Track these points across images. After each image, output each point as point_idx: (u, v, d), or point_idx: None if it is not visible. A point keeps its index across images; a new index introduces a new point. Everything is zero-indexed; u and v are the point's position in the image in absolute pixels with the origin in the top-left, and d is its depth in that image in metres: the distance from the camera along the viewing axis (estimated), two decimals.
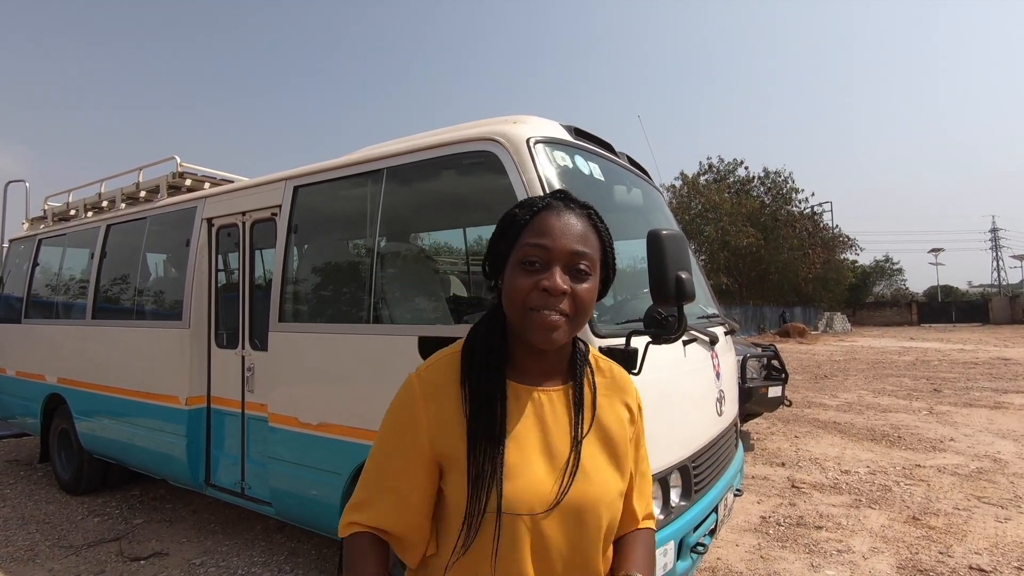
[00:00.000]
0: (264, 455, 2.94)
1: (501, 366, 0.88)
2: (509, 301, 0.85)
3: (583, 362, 0.93)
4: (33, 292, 5.00)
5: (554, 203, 0.87)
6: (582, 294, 0.83)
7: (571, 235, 0.83)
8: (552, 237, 0.83)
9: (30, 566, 3.21)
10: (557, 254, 0.82)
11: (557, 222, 0.84)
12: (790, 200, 30.13)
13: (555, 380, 0.91)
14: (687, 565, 2.07)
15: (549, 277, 0.81)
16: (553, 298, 0.81)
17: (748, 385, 5.05)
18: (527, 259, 0.83)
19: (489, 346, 0.89)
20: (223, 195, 3.48)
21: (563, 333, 0.83)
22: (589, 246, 0.85)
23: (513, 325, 0.87)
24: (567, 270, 0.83)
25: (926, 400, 8.08)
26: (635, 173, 3.00)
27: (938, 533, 3.45)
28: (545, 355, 0.89)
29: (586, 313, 0.85)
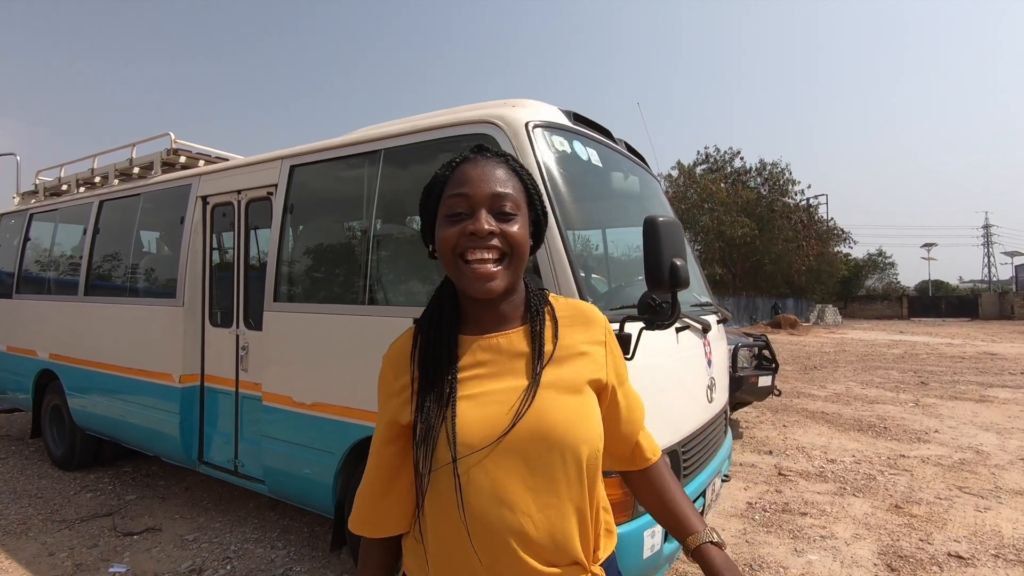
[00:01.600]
0: (258, 433, 2.96)
1: (451, 323, 0.90)
2: (442, 254, 0.87)
3: (540, 301, 0.93)
4: (24, 267, 4.96)
5: (471, 155, 0.89)
6: (512, 233, 0.84)
7: (491, 179, 0.85)
8: (471, 184, 0.85)
9: (23, 539, 3.23)
10: (478, 199, 0.84)
11: (475, 171, 0.86)
12: (786, 192, 30.16)
13: (513, 324, 0.91)
14: (674, 547, 2.11)
15: (475, 221, 0.83)
16: (481, 239, 0.83)
17: (739, 374, 5.10)
18: (452, 211, 0.85)
19: (440, 305, 0.92)
20: (218, 173, 3.45)
21: (501, 280, 0.84)
22: (511, 187, 0.87)
23: (453, 280, 0.89)
24: (492, 213, 0.84)
25: (913, 392, 8.19)
26: (633, 160, 3.00)
27: (919, 521, 3.53)
28: (494, 305, 0.89)
29: (521, 252, 0.86)
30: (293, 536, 3.27)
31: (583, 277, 2.05)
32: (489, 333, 0.90)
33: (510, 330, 0.90)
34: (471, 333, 0.90)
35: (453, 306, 0.91)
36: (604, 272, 3.03)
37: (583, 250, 3.03)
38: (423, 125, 2.50)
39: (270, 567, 2.90)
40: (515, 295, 0.92)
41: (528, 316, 0.92)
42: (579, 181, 2.40)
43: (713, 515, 3.58)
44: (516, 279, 0.88)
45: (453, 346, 0.88)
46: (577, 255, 2.12)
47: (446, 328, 0.89)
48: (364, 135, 2.74)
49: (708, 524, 0.96)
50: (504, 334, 0.89)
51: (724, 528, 3.44)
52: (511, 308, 0.91)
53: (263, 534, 3.29)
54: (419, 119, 2.62)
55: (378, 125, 2.85)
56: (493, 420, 0.82)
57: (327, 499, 2.65)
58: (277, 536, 3.27)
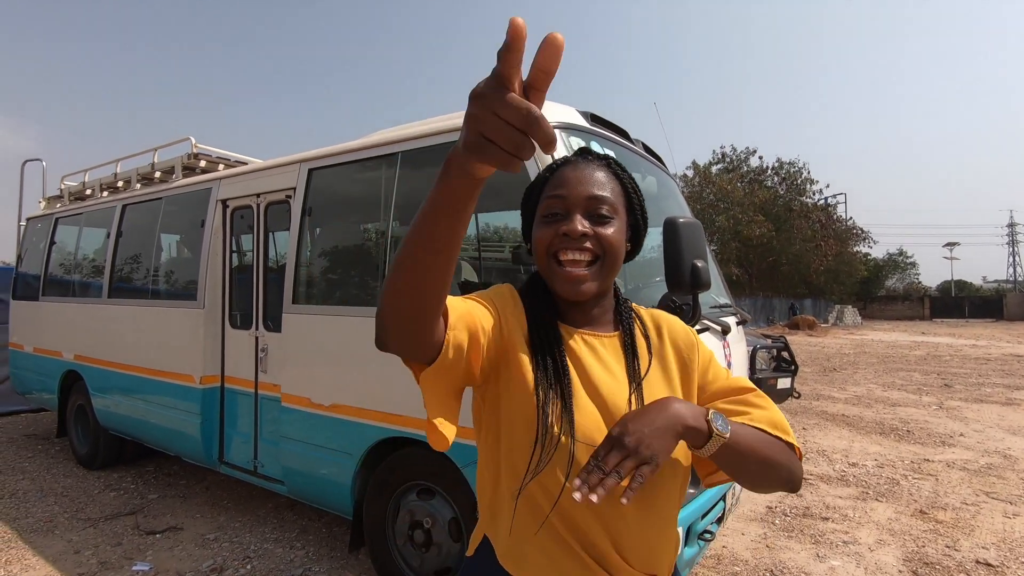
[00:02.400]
0: (277, 434, 2.99)
1: (550, 311, 0.89)
2: (537, 255, 0.87)
3: (628, 312, 0.93)
4: (50, 270, 5.07)
5: (572, 158, 0.90)
6: (606, 236, 0.84)
7: (588, 182, 0.85)
8: (569, 186, 0.85)
9: (50, 537, 3.30)
10: (575, 201, 0.84)
11: (574, 173, 0.86)
12: (804, 191, 29.76)
13: (605, 327, 0.91)
14: (695, 552, 2.09)
15: (569, 222, 0.83)
16: (574, 241, 0.82)
17: (757, 376, 5.04)
18: (548, 211, 0.86)
19: (534, 292, 0.91)
20: (238, 177, 3.49)
21: (591, 284, 0.84)
22: (608, 191, 0.86)
23: (545, 279, 0.88)
24: (587, 216, 0.84)
25: (936, 395, 8.02)
26: (650, 161, 2.98)
27: (945, 527, 3.45)
28: (585, 307, 0.89)
29: (615, 257, 0.85)
30: (312, 536, 3.29)
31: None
32: (583, 330, 0.89)
33: (603, 333, 0.90)
34: (567, 323, 0.89)
35: (546, 293, 0.90)
36: (622, 272, 3.01)
37: None
38: (440, 127, 2.50)
39: (289, 567, 2.92)
40: (605, 300, 0.92)
41: (619, 323, 0.92)
42: None
43: (733, 519, 3.54)
44: (608, 284, 0.88)
45: (556, 334, 0.86)
46: None
47: (548, 312, 0.88)
48: (381, 138, 2.75)
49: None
50: (597, 335, 0.89)
51: (744, 533, 3.40)
52: (601, 312, 0.91)
53: (282, 534, 3.32)
54: (436, 121, 2.63)
55: (395, 128, 2.86)
56: (602, 424, 0.81)
57: (345, 500, 2.66)
58: (296, 536, 3.29)
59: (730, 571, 2.94)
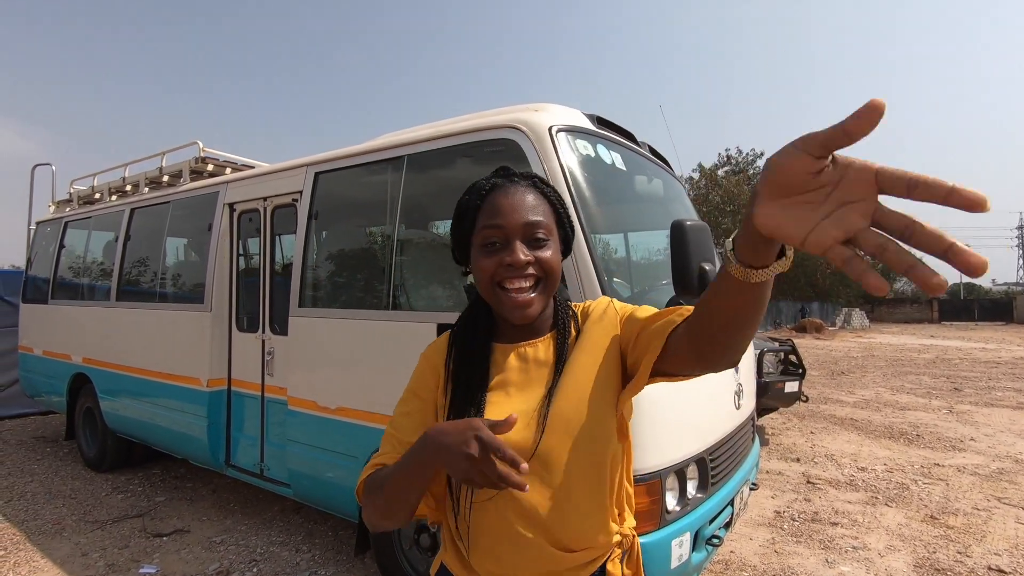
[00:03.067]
0: (283, 437, 2.99)
1: (486, 332, 0.95)
2: (479, 283, 0.90)
3: (564, 312, 0.96)
4: (59, 274, 5.11)
5: (499, 182, 0.91)
6: (546, 260, 0.88)
7: (522, 208, 0.87)
8: (504, 215, 0.87)
9: (58, 539, 3.31)
10: (512, 230, 0.87)
11: (506, 200, 0.88)
12: None
13: (543, 332, 0.95)
14: (702, 557, 2.07)
15: (510, 253, 0.86)
16: (518, 269, 0.86)
17: (764, 380, 5.01)
18: (487, 241, 0.88)
19: (475, 316, 0.96)
20: (245, 180, 3.51)
21: (536, 306, 0.88)
22: (541, 214, 0.89)
23: (491, 305, 0.92)
24: (526, 241, 0.87)
25: (946, 399, 7.94)
26: (656, 163, 2.97)
27: (957, 533, 3.41)
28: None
29: (555, 276, 0.90)
30: (318, 540, 3.29)
31: (607, 282, 2.04)
32: (521, 341, 0.94)
33: (538, 339, 0.94)
34: (504, 341, 0.95)
35: (488, 315, 0.96)
36: (627, 276, 3.00)
37: (604, 253, 3.01)
38: (446, 131, 2.51)
39: (295, 570, 2.92)
40: (546, 309, 0.96)
41: (555, 324, 0.96)
42: (603, 185, 2.38)
43: (741, 524, 3.52)
44: (549, 300, 0.93)
45: (486, 359, 0.93)
46: (599, 259, 2.10)
47: (481, 339, 0.94)
48: (387, 141, 2.76)
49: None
50: (532, 343, 0.94)
51: (752, 538, 3.37)
52: (541, 319, 0.96)
53: (288, 537, 3.32)
54: (442, 124, 2.63)
55: (401, 131, 2.87)
56: (521, 436, 0.85)
57: (351, 503, 2.66)
58: (302, 539, 3.29)
59: None
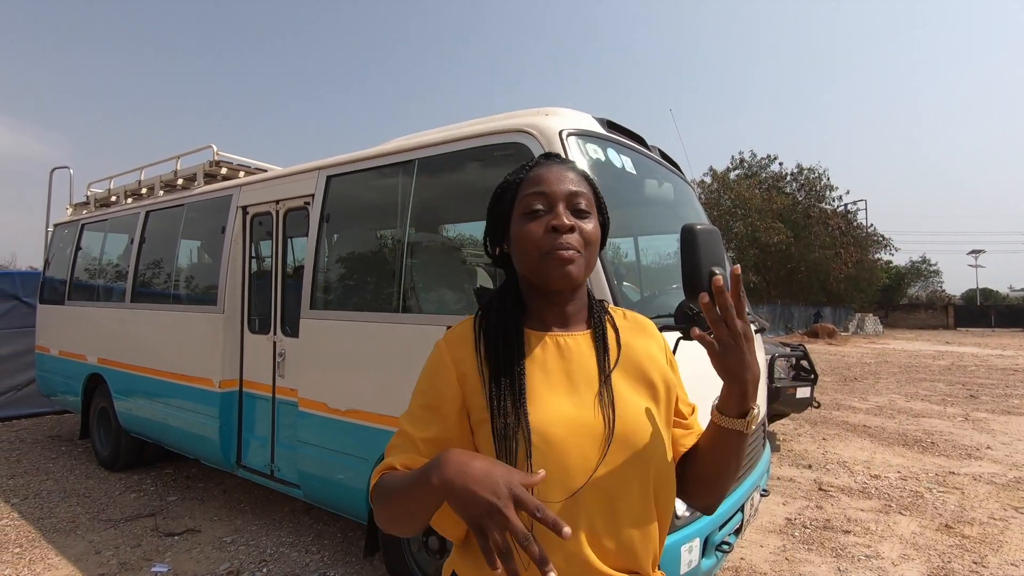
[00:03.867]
0: (294, 439, 3.02)
1: (517, 316, 0.90)
2: (523, 251, 0.87)
3: (600, 309, 0.95)
4: (76, 275, 5.19)
5: (542, 160, 0.94)
6: (587, 230, 0.87)
7: (566, 179, 0.89)
8: (549, 183, 0.88)
9: (72, 537, 3.36)
10: (557, 196, 0.87)
11: (550, 172, 0.89)
12: (823, 198, 29.35)
13: (577, 326, 0.92)
14: (712, 563, 2.05)
15: (555, 216, 0.85)
16: (563, 235, 0.84)
17: (776, 385, 4.97)
18: (530, 208, 0.87)
19: (504, 301, 0.92)
20: (258, 184, 3.55)
21: (578, 268, 0.85)
22: (583, 188, 0.90)
23: (530, 276, 0.88)
24: (569, 210, 0.87)
25: (961, 406, 7.82)
26: (667, 167, 2.96)
27: (972, 542, 3.35)
28: (562, 303, 0.90)
29: (595, 249, 0.89)
30: (327, 541, 3.31)
31: (616, 286, 2.03)
32: (556, 330, 0.91)
33: (574, 332, 0.91)
34: (536, 328, 0.91)
35: (517, 301, 0.92)
36: (636, 280, 2.99)
37: (614, 257, 2.99)
38: (457, 135, 2.52)
39: (305, 571, 2.94)
40: (580, 296, 0.93)
41: (591, 320, 0.93)
42: (613, 189, 2.38)
43: (751, 531, 3.48)
44: (588, 274, 0.90)
45: (521, 339, 0.88)
46: (609, 263, 2.09)
47: (513, 320, 0.90)
48: (398, 145, 2.78)
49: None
50: (570, 334, 0.90)
51: (762, 544, 3.33)
52: (575, 310, 0.92)
53: (298, 538, 3.34)
54: (453, 128, 2.65)
55: (412, 135, 2.89)
56: (573, 422, 0.82)
57: (361, 505, 2.67)
58: (311, 540, 3.31)
59: None
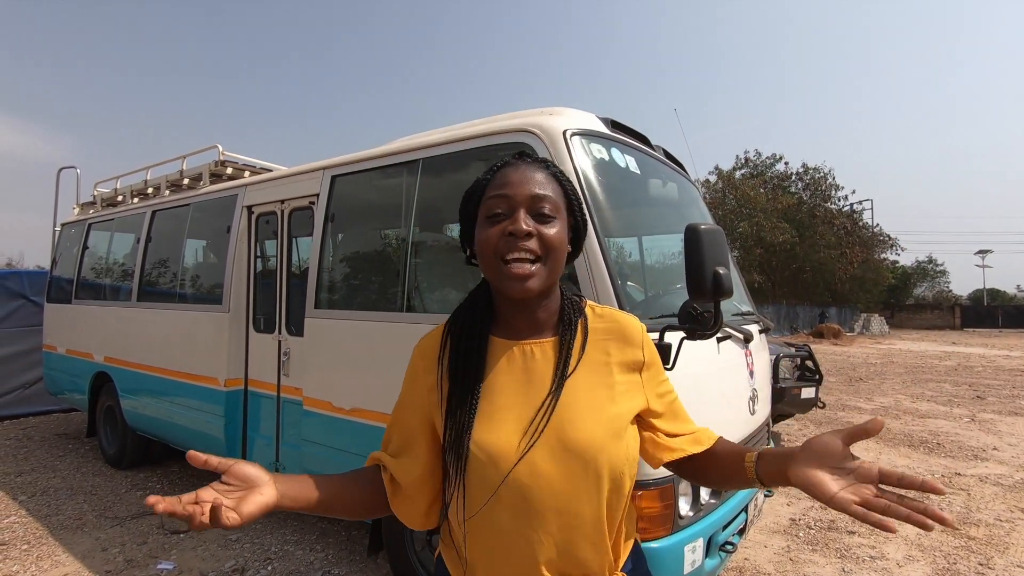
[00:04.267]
0: (298, 437, 3.03)
1: (483, 324, 0.91)
2: (481, 255, 0.87)
3: (575, 311, 0.93)
4: (82, 274, 5.22)
5: (512, 160, 0.91)
6: (549, 236, 0.85)
7: (530, 181, 0.86)
8: (511, 186, 0.86)
9: (79, 534, 3.38)
10: (518, 200, 0.85)
11: (515, 174, 0.87)
12: (829, 197, 29.20)
13: (546, 333, 0.91)
14: (715, 563, 2.05)
15: (513, 221, 0.84)
16: (520, 240, 0.83)
17: (781, 385, 4.95)
18: (491, 211, 0.87)
19: (473, 307, 0.93)
20: (263, 183, 3.56)
21: (537, 280, 0.84)
22: (550, 190, 0.87)
23: (490, 281, 0.89)
24: (531, 215, 0.85)
25: (968, 407, 7.78)
26: (671, 167, 2.96)
27: (978, 544, 3.34)
28: (530, 309, 0.90)
29: (558, 255, 0.87)
30: (331, 539, 3.32)
31: (620, 285, 2.03)
32: (522, 339, 0.91)
33: (543, 339, 0.90)
34: (504, 336, 0.91)
35: (487, 307, 0.92)
36: (640, 280, 2.99)
37: (618, 257, 2.99)
38: (460, 135, 2.53)
39: (309, 569, 2.95)
40: (550, 302, 0.92)
41: (560, 327, 0.92)
42: (617, 188, 2.38)
43: (755, 531, 3.48)
44: (552, 283, 0.89)
45: (483, 350, 0.89)
46: (613, 263, 2.10)
47: (478, 329, 0.90)
48: (403, 145, 2.79)
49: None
50: (537, 342, 0.90)
51: (766, 545, 3.33)
52: (546, 316, 0.91)
53: (302, 536, 3.36)
54: (457, 128, 2.65)
55: (416, 135, 2.90)
56: (518, 435, 0.83)
57: None
58: (316, 539, 3.33)
59: None
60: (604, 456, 0.83)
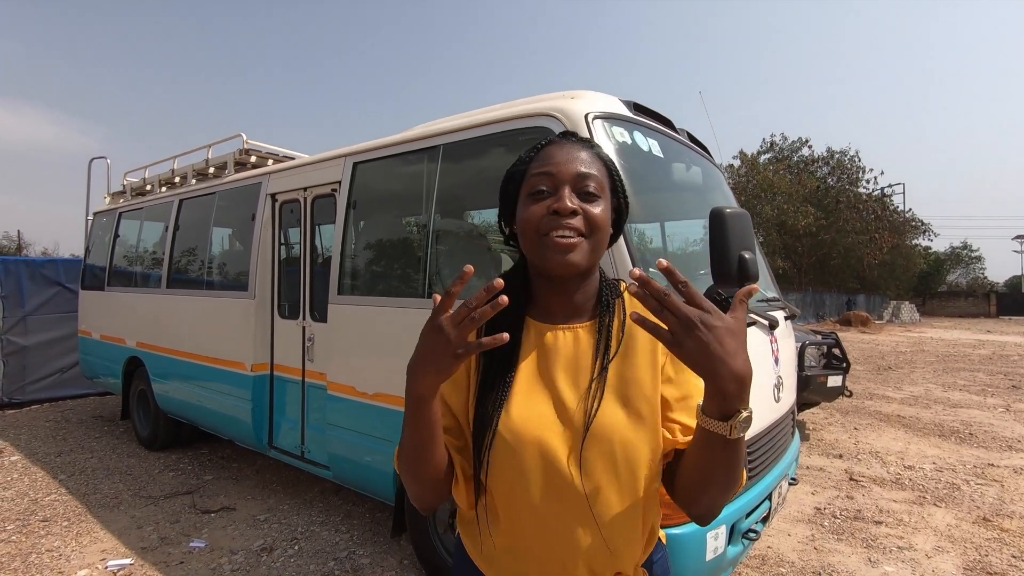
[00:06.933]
0: (323, 421, 3.08)
1: (520, 304, 0.89)
2: (523, 233, 0.86)
3: (612, 294, 0.90)
4: (114, 262, 5.37)
5: (556, 139, 0.89)
6: (594, 214, 0.83)
7: (575, 159, 0.85)
8: (556, 163, 0.84)
9: (116, 512, 3.51)
10: (563, 177, 0.83)
11: (559, 151, 0.86)
12: (856, 180, 28.36)
13: (583, 317, 0.89)
14: (738, 550, 2.04)
15: (558, 199, 0.82)
16: (564, 219, 0.81)
17: (806, 373, 4.87)
18: (535, 188, 0.85)
19: (511, 284, 0.89)
20: (286, 171, 3.60)
21: (580, 254, 0.82)
22: (595, 169, 0.86)
23: (531, 259, 0.87)
24: (576, 192, 0.83)
25: (1003, 396, 7.55)
26: (695, 150, 2.90)
27: (1012, 536, 3.25)
28: (568, 291, 0.88)
29: (602, 235, 0.85)
30: (356, 521, 3.39)
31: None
32: (558, 324, 0.89)
33: (578, 324, 0.88)
34: (541, 319, 0.90)
35: (523, 289, 0.91)
36: None
37: (639, 242, 2.96)
38: (481, 120, 2.51)
39: (334, 549, 3.02)
40: (588, 285, 0.90)
41: (598, 310, 0.90)
42: (640, 173, 2.34)
43: (779, 520, 3.44)
44: (594, 262, 0.87)
45: (518, 329, 0.88)
46: (635, 248, 2.07)
47: (514, 310, 0.87)
48: (423, 131, 2.78)
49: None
50: (572, 327, 0.88)
51: (790, 534, 3.30)
52: (583, 299, 0.89)
53: (327, 517, 3.43)
54: (478, 113, 2.64)
55: (437, 121, 2.89)
56: (552, 420, 0.82)
57: (388, 487, 2.72)
58: (341, 520, 3.40)
59: (775, 572, 2.87)
60: (639, 447, 0.82)
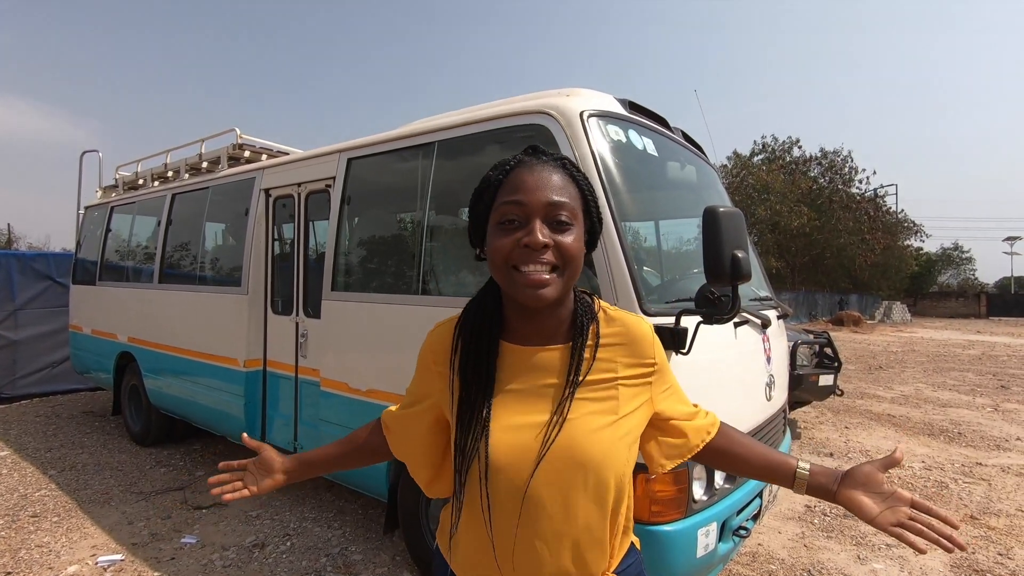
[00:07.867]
0: (315, 417, 3.08)
1: (493, 328, 0.88)
2: (493, 264, 0.84)
3: (587, 317, 0.89)
4: (106, 257, 5.32)
5: (526, 159, 0.85)
6: (566, 245, 0.81)
7: (547, 187, 0.81)
8: (526, 192, 0.80)
9: (106, 508, 3.50)
10: (534, 208, 0.80)
11: (530, 177, 0.82)
12: (849, 181, 28.52)
13: (557, 340, 0.88)
14: (729, 547, 2.05)
15: (528, 232, 0.79)
16: (535, 252, 0.79)
17: (798, 372, 4.90)
18: (504, 218, 0.82)
19: (482, 310, 0.89)
20: (280, 167, 3.58)
21: (553, 289, 0.81)
22: (567, 196, 0.82)
23: (503, 288, 0.86)
24: (547, 223, 0.80)
25: (991, 396, 7.63)
26: (690, 149, 2.91)
27: (998, 534, 3.29)
28: (541, 316, 0.87)
29: (576, 265, 0.83)
30: (348, 517, 3.39)
31: (636, 270, 2.01)
32: (532, 346, 0.88)
33: (552, 347, 0.88)
34: (515, 342, 0.89)
35: (496, 310, 0.89)
36: (657, 265, 2.96)
37: (633, 241, 2.97)
38: (476, 116, 2.50)
39: (327, 546, 3.02)
40: (563, 308, 0.89)
41: (572, 333, 0.89)
42: (634, 171, 2.35)
43: (769, 517, 3.47)
44: (567, 290, 0.85)
45: (494, 355, 0.87)
46: (629, 247, 2.07)
47: (487, 335, 0.88)
48: (418, 127, 2.78)
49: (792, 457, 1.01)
50: (546, 350, 0.88)
51: (780, 531, 3.32)
52: (556, 323, 0.88)
53: (320, 514, 3.43)
54: (473, 110, 2.63)
55: (432, 117, 2.88)
56: (525, 446, 0.83)
57: (380, 483, 2.72)
58: (333, 516, 3.40)
59: (766, 569, 2.89)
60: (611, 468, 0.83)
